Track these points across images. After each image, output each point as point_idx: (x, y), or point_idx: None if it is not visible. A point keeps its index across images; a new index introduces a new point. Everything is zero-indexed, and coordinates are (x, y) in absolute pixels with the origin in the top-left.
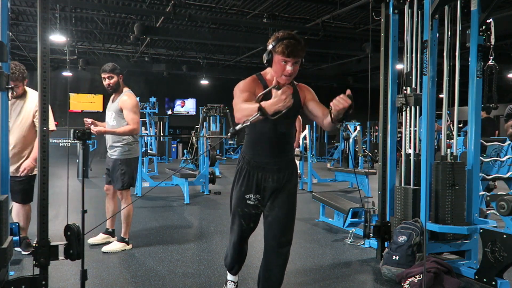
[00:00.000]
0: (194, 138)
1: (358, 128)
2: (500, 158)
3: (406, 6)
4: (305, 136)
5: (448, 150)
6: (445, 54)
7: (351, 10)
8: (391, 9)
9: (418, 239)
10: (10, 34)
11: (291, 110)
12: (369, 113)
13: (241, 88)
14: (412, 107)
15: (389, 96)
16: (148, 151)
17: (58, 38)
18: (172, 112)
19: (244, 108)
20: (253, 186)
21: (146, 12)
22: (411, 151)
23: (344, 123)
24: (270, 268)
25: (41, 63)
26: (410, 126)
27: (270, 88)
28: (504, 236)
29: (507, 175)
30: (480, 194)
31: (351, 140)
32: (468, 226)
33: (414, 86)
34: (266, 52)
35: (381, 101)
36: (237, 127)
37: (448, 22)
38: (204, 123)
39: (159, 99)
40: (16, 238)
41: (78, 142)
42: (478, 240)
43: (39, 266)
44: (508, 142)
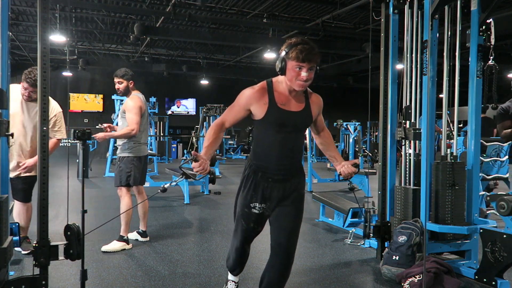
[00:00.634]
0: (194, 138)
1: (358, 128)
2: (500, 158)
3: (406, 6)
4: (305, 136)
5: (448, 150)
6: (445, 54)
7: (351, 10)
8: (391, 9)
9: (418, 239)
10: (10, 34)
11: (301, 124)
12: (369, 113)
13: (239, 101)
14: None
15: (389, 96)
16: (148, 151)
17: (58, 38)
18: (172, 112)
19: (207, 138)
20: (258, 195)
21: (146, 12)
22: (411, 151)
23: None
24: (274, 274)
25: (41, 63)
26: None
27: (188, 159)
28: (504, 236)
29: (507, 175)
30: (480, 194)
31: (351, 140)
32: (468, 226)
33: (413, 120)
34: (279, 60)
35: (381, 101)
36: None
37: (448, 22)
38: (204, 123)
39: (159, 99)
40: (16, 238)
41: (78, 142)
42: (478, 240)
43: (39, 266)
44: (509, 142)
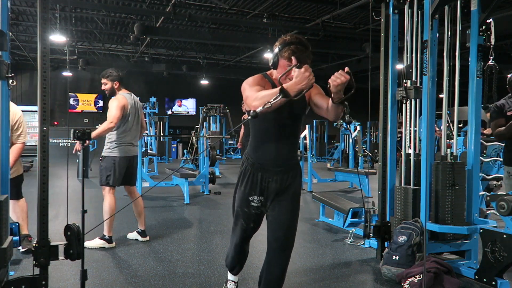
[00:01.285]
0: (194, 138)
1: (358, 128)
2: (500, 158)
3: (406, 6)
4: (305, 136)
5: (448, 150)
6: (445, 54)
7: (351, 10)
8: (391, 9)
9: (418, 239)
10: (10, 34)
11: (296, 108)
12: (369, 113)
13: (250, 83)
14: (413, 101)
15: (389, 96)
16: (148, 151)
17: (58, 38)
18: (172, 112)
19: (263, 95)
20: (256, 187)
21: (146, 12)
22: (411, 151)
23: (345, 121)
24: (272, 270)
25: (41, 63)
26: (410, 126)
27: (291, 67)
28: (504, 236)
29: None
30: (480, 194)
31: (351, 140)
32: (468, 226)
33: (414, 79)
34: (272, 55)
35: (381, 101)
36: (258, 109)
37: (448, 22)
38: (204, 123)
39: (159, 99)
40: (16, 238)
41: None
42: (478, 240)
43: (39, 266)
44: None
